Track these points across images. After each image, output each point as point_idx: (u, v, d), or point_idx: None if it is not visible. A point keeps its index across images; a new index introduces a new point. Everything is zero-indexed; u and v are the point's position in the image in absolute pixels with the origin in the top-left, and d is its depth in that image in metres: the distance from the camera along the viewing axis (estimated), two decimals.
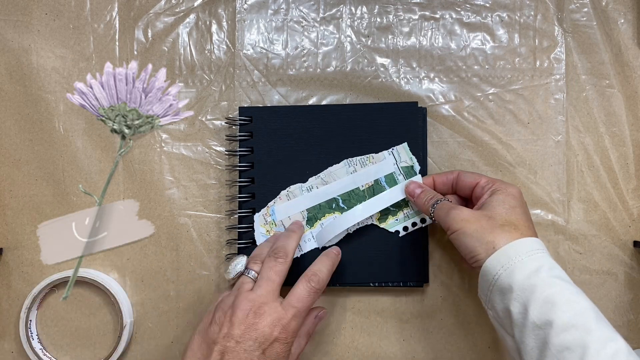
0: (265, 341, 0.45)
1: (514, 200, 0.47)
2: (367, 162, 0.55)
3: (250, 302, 0.46)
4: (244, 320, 0.45)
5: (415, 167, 0.55)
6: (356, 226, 0.55)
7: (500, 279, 0.43)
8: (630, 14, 0.57)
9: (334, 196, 0.55)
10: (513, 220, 0.46)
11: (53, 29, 0.58)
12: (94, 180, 0.58)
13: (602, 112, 0.57)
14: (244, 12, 0.59)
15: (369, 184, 0.55)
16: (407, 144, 0.55)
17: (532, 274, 0.42)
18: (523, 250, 0.44)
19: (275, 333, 0.45)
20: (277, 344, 0.45)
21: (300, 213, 0.55)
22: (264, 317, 0.45)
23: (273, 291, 0.47)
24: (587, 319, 0.40)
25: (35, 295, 0.56)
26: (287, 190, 0.55)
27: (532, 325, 0.41)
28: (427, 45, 0.58)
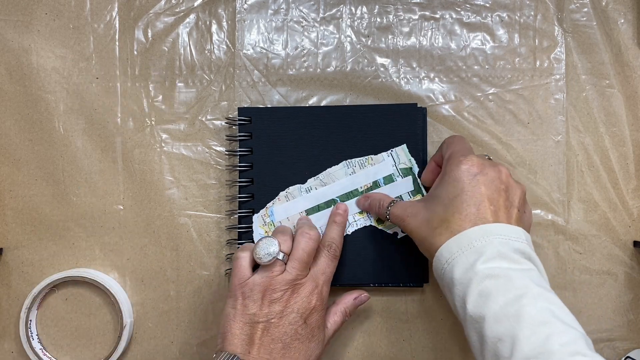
0: (305, 311, 0.47)
1: (455, 188, 0.45)
2: (365, 164, 0.55)
3: (285, 284, 0.47)
4: (282, 298, 0.47)
5: (414, 168, 0.55)
6: (354, 227, 0.55)
7: (442, 281, 0.45)
8: (630, 14, 0.58)
9: (332, 197, 0.55)
10: (447, 216, 0.45)
11: (53, 29, 0.58)
12: (93, 180, 0.58)
13: (602, 112, 0.57)
14: (244, 12, 0.59)
15: (367, 185, 0.55)
16: (405, 146, 0.55)
17: (467, 270, 0.42)
18: (455, 248, 0.43)
19: (312, 302, 0.48)
20: (315, 312, 0.48)
21: (299, 214, 0.55)
22: (301, 291, 0.48)
23: (304, 267, 0.49)
24: (518, 307, 0.39)
25: (35, 295, 0.56)
26: (286, 191, 0.55)
27: (470, 318, 0.41)
28: (427, 45, 0.58)
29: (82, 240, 0.58)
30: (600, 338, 0.57)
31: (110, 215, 0.58)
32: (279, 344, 0.46)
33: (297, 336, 0.47)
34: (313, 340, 0.48)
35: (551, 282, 0.56)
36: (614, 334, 0.57)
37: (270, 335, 0.46)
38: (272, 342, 0.46)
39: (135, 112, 0.58)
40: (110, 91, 0.58)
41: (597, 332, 0.57)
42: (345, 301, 0.53)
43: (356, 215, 0.55)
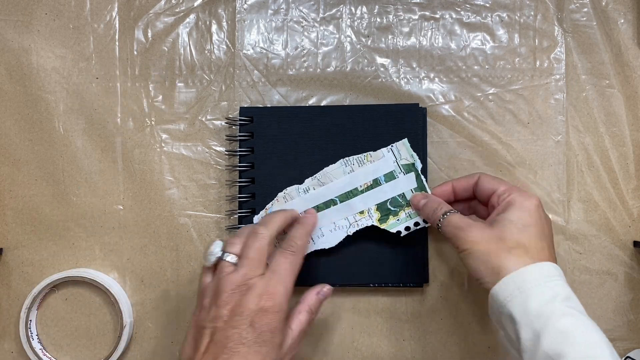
0: (253, 314, 0.44)
1: (529, 217, 0.45)
2: (364, 161, 0.54)
3: (233, 283, 0.45)
4: (230, 300, 0.44)
5: (416, 164, 0.53)
6: (355, 227, 0.54)
7: (508, 305, 0.42)
8: (630, 14, 0.58)
9: (331, 197, 0.54)
10: (524, 241, 0.44)
11: (53, 29, 0.58)
12: (93, 180, 0.58)
13: (602, 112, 0.57)
14: (244, 12, 0.59)
15: (367, 183, 0.54)
16: (407, 140, 0.53)
17: (547, 303, 0.41)
18: (534, 277, 0.42)
19: (261, 303, 0.44)
20: (266, 314, 0.44)
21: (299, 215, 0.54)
22: (249, 292, 0.44)
23: (255, 267, 0.46)
24: (601, 355, 0.39)
25: (35, 295, 0.56)
26: (284, 192, 0.54)
27: (543, 354, 0.40)
28: (427, 45, 0.58)
29: (82, 240, 0.58)
30: None
31: (110, 215, 0.58)
32: (223, 350, 0.43)
33: (243, 340, 0.43)
34: (265, 345, 0.43)
35: None
36: (614, 334, 0.57)
37: (215, 340, 0.43)
38: (216, 348, 0.43)
39: (135, 112, 0.58)
40: (110, 91, 0.58)
41: None
42: (308, 299, 0.49)
43: (357, 215, 0.53)
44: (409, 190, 0.53)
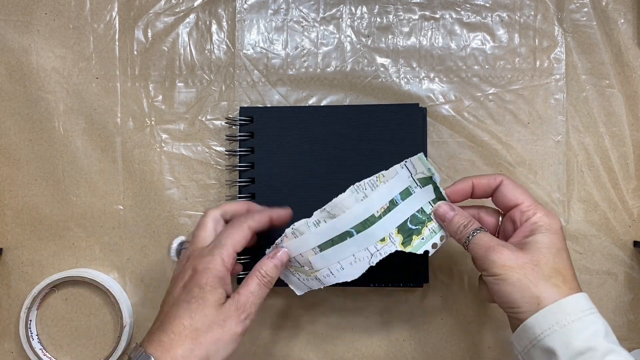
0: (186, 277, 0.45)
1: (560, 242, 0.43)
2: (377, 183, 0.47)
3: (181, 261, 0.48)
4: (174, 275, 0.47)
5: (435, 177, 0.48)
6: (378, 257, 0.47)
7: (547, 339, 0.40)
8: (630, 14, 0.58)
9: (347, 229, 0.46)
10: (561, 269, 0.42)
11: (53, 29, 0.58)
12: (93, 180, 0.58)
13: (602, 112, 0.57)
14: (244, 12, 0.59)
15: (384, 207, 0.47)
16: (423, 155, 0.48)
17: (589, 338, 0.39)
18: (574, 310, 0.40)
19: (195, 264, 0.45)
20: (196, 274, 0.44)
21: (312, 250, 0.47)
22: (188, 260, 0.47)
23: (198, 240, 0.48)
24: None
25: (35, 295, 0.56)
26: (292, 227, 0.47)
27: None
28: (427, 45, 0.58)
29: (82, 240, 0.58)
30: None
31: (110, 215, 0.58)
32: (160, 315, 0.45)
33: (173, 300, 0.44)
34: (193, 301, 0.43)
35: None
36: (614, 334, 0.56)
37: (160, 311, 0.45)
38: (158, 315, 0.45)
39: (135, 112, 0.58)
40: (110, 91, 0.58)
41: None
42: (259, 264, 0.47)
43: (378, 244, 0.47)
44: (427, 203, 0.48)
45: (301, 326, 0.57)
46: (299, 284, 0.50)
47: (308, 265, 0.48)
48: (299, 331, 0.57)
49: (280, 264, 0.47)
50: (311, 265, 0.48)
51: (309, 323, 0.57)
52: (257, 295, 0.45)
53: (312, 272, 0.48)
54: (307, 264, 0.48)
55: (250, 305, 0.44)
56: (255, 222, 0.48)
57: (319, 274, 0.48)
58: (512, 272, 0.41)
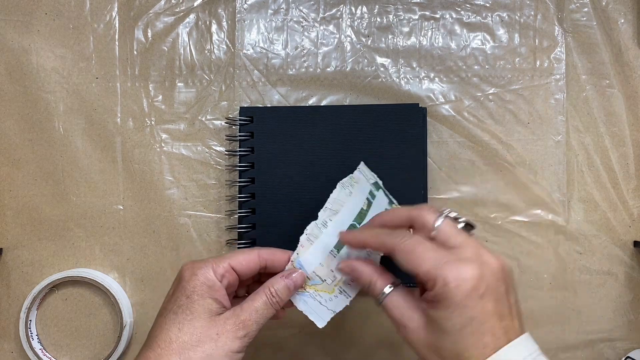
0: (174, 285, 0.43)
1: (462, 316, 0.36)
2: (353, 183, 0.49)
3: None
4: None
5: (379, 181, 0.49)
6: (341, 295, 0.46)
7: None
8: (630, 14, 0.57)
9: (349, 223, 0.47)
10: (461, 352, 0.36)
11: (53, 29, 0.58)
12: (93, 180, 0.58)
13: (602, 112, 0.57)
14: (244, 12, 0.59)
15: (365, 202, 0.48)
16: (363, 163, 0.49)
17: None
18: None
19: (185, 274, 0.42)
20: (183, 281, 0.42)
21: (330, 254, 0.46)
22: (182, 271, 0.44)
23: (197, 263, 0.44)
24: None
25: (35, 295, 0.56)
26: (306, 234, 0.46)
27: None
28: (427, 45, 0.58)
29: (82, 240, 0.58)
30: (600, 338, 0.57)
31: (110, 215, 0.58)
32: (153, 326, 0.41)
33: (162, 312, 0.41)
34: (180, 311, 0.40)
35: (551, 282, 0.57)
36: (614, 334, 0.57)
37: None
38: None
39: (135, 112, 0.58)
40: (110, 91, 0.58)
41: (597, 332, 0.57)
42: (271, 281, 0.43)
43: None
44: (384, 207, 0.48)
45: (301, 326, 0.57)
46: (321, 309, 0.45)
47: (330, 276, 0.45)
48: (298, 331, 0.57)
49: (293, 286, 0.43)
50: (333, 272, 0.45)
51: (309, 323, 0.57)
52: (262, 315, 0.41)
53: (335, 284, 0.45)
54: (329, 275, 0.45)
55: (252, 323, 0.41)
56: (269, 254, 0.44)
57: (342, 283, 0.46)
58: (417, 349, 0.39)
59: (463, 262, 0.37)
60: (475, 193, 0.57)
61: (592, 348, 0.57)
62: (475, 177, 0.57)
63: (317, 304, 0.45)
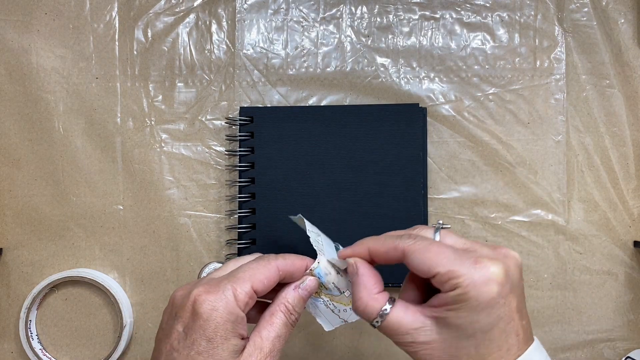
0: (185, 316, 0.36)
1: (490, 316, 0.34)
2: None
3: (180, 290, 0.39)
4: (169, 307, 0.39)
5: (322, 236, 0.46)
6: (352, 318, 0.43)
7: None
8: (630, 14, 0.57)
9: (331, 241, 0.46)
10: (485, 356, 0.34)
11: (53, 29, 0.58)
12: (93, 180, 0.58)
13: (602, 112, 0.57)
14: (244, 12, 0.59)
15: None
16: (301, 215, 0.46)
17: None
18: None
19: (196, 304, 0.36)
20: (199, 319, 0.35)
21: (334, 248, 0.44)
22: (189, 293, 0.37)
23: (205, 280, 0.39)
24: None
25: (35, 295, 0.56)
26: (316, 241, 0.42)
27: None
28: (427, 45, 0.58)
29: (82, 240, 0.58)
30: (601, 338, 0.57)
31: (110, 215, 0.58)
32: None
33: (175, 346, 0.35)
34: (201, 356, 0.34)
35: (551, 282, 0.57)
36: (614, 334, 0.57)
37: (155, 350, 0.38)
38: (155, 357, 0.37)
39: (135, 112, 0.58)
40: (110, 91, 0.58)
41: (597, 332, 0.57)
42: (283, 295, 0.39)
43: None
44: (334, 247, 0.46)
45: (301, 326, 0.57)
46: (332, 317, 0.42)
47: (350, 288, 0.40)
48: (298, 331, 0.57)
49: (307, 294, 0.39)
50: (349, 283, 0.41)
51: (309, 323, 0.57)
52: (283, 338, 0.37)
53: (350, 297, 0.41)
54: (348, 286, 0.41)
55: (276, 352, 0.36)
56: (287, 265, 0.39)
57: None
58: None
59: (487, 259, 0.34)
60: (475, 193, 0.57)
61: (592, 348, 0.57)
62: (475, 177, 0.57)
63: (328, 311, 0.42)
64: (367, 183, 0.56)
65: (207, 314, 0.35)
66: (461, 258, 0.34)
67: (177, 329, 0.35)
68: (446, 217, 0.57)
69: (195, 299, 0.35)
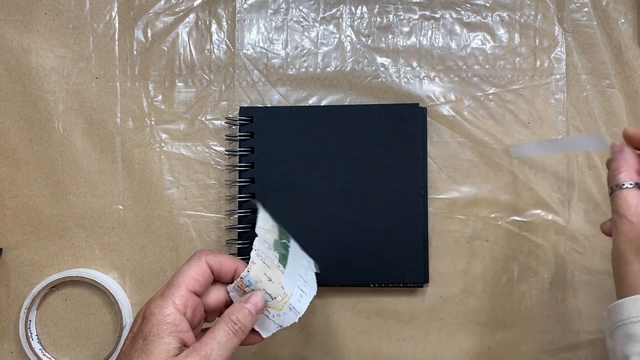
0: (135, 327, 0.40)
1: None
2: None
3: None
4: None
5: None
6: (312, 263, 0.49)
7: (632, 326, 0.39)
8: (630, 13, 0.57)
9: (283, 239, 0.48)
10: None
11: (53, 28, 0.58)
12: (93, 180, 0.58)
13: (602, 112, 0.57)
14: (243, 11, 0.59)
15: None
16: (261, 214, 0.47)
17: None
18: None
19: (146, 312, 0.40)
20: (144, 322, 0.39)
21: (278, 270, 0.44)
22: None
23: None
24: None
25: (35, 295, 0.56)
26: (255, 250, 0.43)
27: None
28: (427, 45, 0.58)
29: (81, 240, 0.58)
30: (600, 338, 0.57)
31: (110, 215, 0.58)
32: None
33: (120, 355, 0.39)
34: (139, 353, 0.37)
35: (551, 282, 0.57)
36: None
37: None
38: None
39: (135, 112, 0.58)
40: (109, 91, 0.58)
41: (597, 332, 0.56)
42: (231, 309, 0.41)
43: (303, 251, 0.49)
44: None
45: (301, 326, 0.57)
46: (268, 323, 0.44)
47: (280, 294, 0.43)
48: (298, 331, 0.57)
49: (255, 310, 0.41)
50: (284, 290, 0.43)
51: (308, 323, 0.57)
52: (225, 346, 0.39)
53: (285, 301, 0.43)
54: (279, 292, 0.43)
55: (214, 356, 0.38)
56: (216, 259, 0.42)
57: (292, 299, 0.44)
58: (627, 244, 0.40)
59: None
60: (475, 193, 0.57)
61: (592, 348, 0.56)
62: (475, 177, 0.57)
63: (263, 317, 0.44)
64: (367, 183, 0.56)
65: (147, 317, 0.39)
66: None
67: (129, 336, 0.40)
68: (446, 217, 0.57)
69: (144, 308, 0.40)
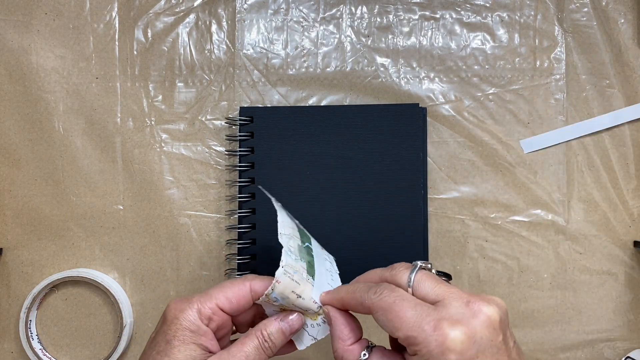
0: (157, 324, 0.40)
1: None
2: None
3: None
4: None
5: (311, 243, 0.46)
6: (334, 263, 0.47)
7: None
8: (630, 14, 0.57)
9: (304, 241, 0.46)
10: None
11: (53, 29, 0.58)
12: (93, 180, 0.58)
13: (602, 112, 0.57)
14: (244, 12, 0.59)
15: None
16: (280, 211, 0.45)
17: None
18: None
19: (168, 313, 0.39)
20: (164, 324, 0.38)
21: (308, 282, 0.41)
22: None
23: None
24: None
25: (35, 295, 0.56)
26: (282, 267, 0.39)
27: None
28: (427, 45, 0.58)
29: (82, 240, 0.58)
30: (600, 338, 0.57)
31: (110, 215, 0.58)
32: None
33: (142, 355, 0.39)
34: (160, 356, 0.36)
35: (551, 282, 0.57)
36: (614, 334, 0.57)
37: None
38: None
39: (135, 112, 0.58)
40: (110, 91, 0.58)
41: (597, 332, 0.57)
42: (264, 323, 0.39)
43: (323, 250, 0.47)
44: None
45: None
46: (302, 333, 0.42)
47: (313, 307, 0.41)
48: None
49: (289, 330, 0.39)
50: (316, 304, 0.40)
51: None
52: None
53: (318, 313, 0.41)
54: (311, 307, 0.40)
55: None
56: (262, 284, 0.39)
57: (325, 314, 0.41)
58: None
59: (447, 323, 0.33)
60: (475, 193, 0.57)
61: (592, 348, 0.57)
62: (475, 177, 0.57)
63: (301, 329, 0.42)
64: (367, 183, 0.56)
65: (170, 319, 0.38)
66: (422, 322, 0.33)
67: (151, 336, 0.39)
68: (446, 217, 0.57)
69: (167, 308, 0.39)
